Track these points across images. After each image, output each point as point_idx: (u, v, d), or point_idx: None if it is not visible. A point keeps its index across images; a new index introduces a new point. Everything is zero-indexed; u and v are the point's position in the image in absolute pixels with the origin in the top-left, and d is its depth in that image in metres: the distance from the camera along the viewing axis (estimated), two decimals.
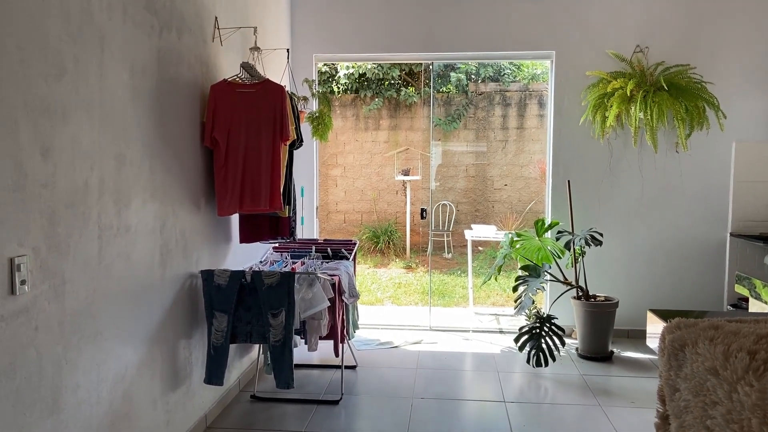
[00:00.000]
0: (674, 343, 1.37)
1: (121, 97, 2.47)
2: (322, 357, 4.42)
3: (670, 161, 4.85)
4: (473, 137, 9.45)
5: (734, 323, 1.39)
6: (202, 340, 3.30)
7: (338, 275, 3.72)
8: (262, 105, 3.33)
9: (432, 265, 8.26)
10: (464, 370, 4.36)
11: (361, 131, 9.53)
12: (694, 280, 4.89)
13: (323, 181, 9.35)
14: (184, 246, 3.08)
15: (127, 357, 2.56)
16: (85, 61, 2.22)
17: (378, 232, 9.21)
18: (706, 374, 1.22)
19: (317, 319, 3.48)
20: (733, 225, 4.84)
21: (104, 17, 2.34)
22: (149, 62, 2.71)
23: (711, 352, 1.24)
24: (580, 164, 4.95)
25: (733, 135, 4.79)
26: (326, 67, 9.08)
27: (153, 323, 2.78)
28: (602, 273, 4.94)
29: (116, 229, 2.45)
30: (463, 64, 8.90)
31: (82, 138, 2.21)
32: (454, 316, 5.93)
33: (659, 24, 4.81)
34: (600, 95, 4.64)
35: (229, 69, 3.62)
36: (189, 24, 3.12)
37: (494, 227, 6.11)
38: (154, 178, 2.76)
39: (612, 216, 4.95)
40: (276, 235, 3.80)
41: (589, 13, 4.88)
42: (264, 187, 3.31)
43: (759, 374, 1.10)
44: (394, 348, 4.80)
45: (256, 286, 3.18)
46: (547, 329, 4.29)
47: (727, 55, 4.78)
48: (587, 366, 4.38)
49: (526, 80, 9.23)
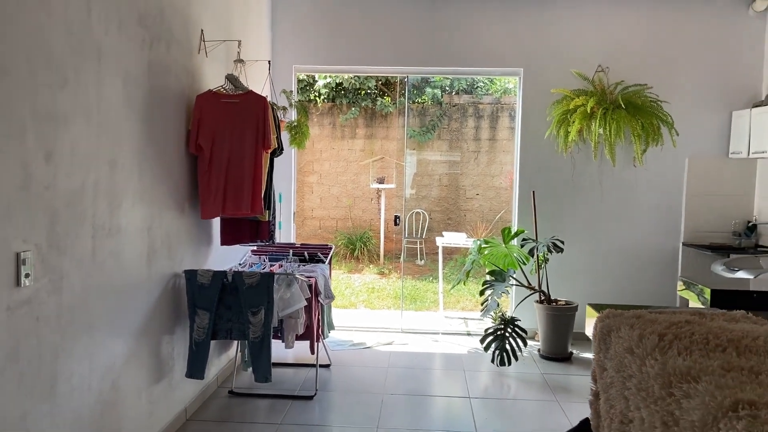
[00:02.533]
0: (603, 330, 1.62)
1: (115, 105, 2.65)
2: (298, 356, 4.60)
3: (627, 175, 5.17)
4: (447, 147, 9.73)
5: (654, 314, 1.64)
6: (184, 336, 3.47)
7: (315, 277, 3.92)
8: (246, 114, 3.53)
9: (405, 271, 8.49)
10: (433, 369, 4.59)
11: (338, 139, 9.74)
12: (650, 285, 5.21)
13: (300, 187, 9.53)
14: (169, 246, 3.26)
15: (117, 349, 2.73)
16: (84, 71, 2.40)
17: (353, 239, 9.41)
18: (625, 353, 1.46)
19: (294, 318, 3.67)
20: (685, 235, 5.17)
21: (102, 31, 2.53)
22: (140, 73, 2.90)
23: (630, 335, 1.48)
24: (545, 176, 5.24)
25: (686, 151, 5.13)
26: (305, 75, 9.28)
27: (140, 318, 2.95)
28: (564, 278, 5.22)
29: (108, 230, 2.62)
30: (437, 78, 9.18)
31: (81, 143, 2.39)
32: (425, 320, 6.16)
33: (619, 46, 5.14)
34: (564, 111, 4.94)
35: (214, 79, 3.81)
36: (177, 37, 3.32)
37: (464, 235, 6.37)
38: (143, 181, 2.94)
39: (574, 225, 5.25)
40: (256, 238, 3.99)
41: (556, 34, 5.19)
42: (246, 192, 3.50)
43: (663, 351, 1.35)
44: (366, 348, 5.01)
45: (237, 285, 3.37)
46: (511, 331, 4.55)
47: (681, 76, 5.12)
48: (548, 366, 4.65)
49: (498, 94, 9.56)
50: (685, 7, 5.11)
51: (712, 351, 1.34)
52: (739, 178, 5.11)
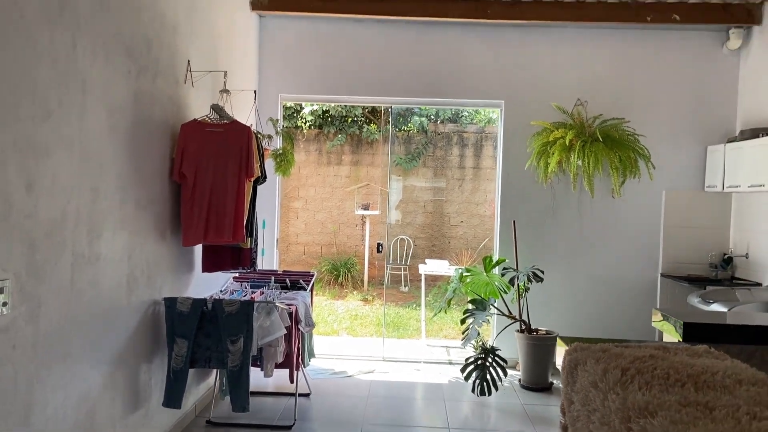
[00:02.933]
0: (571, 363, 1.66)
1: (98, 135, 2.69)
2: (277, 384, 4.58)
3: (606, 206, 5.27)
4: (432, 175, 9.84)
5: (621, 348, 1.69)
6: (162, 364, 3.46)
7: (295, 305, 3.93)
8: (230, 143, 3.58)
9: (389, 298, 8.50)
10: (413, 399, 4.59)
11: (324, 165, 9.81)
12: (629, 316, 5.27)
13: (285, 212, 9.56)
14: (149, 274, 3.27)
15: (93, 378, 2.72)
16: (68, 103, 2.44)
17: (337, 265, 9.42)
18: (590, 387, 1.50)
19: (274, 347, 3.67)
20: (663, 266, 5.25)
21: (87, 63, 2.58)
22: (126, 103, 2.94)
23: (595, 369, 1.52)
24: (525, 205, 5.32)
25: (663, 184, 5.24)
26: (292, 103, 9.38)
27: (117, 347, 2.95)
28: (544, 308, 5.27)
29: (88, 258, 2.64)
30: (423, 107, 9.32)
31: (62, 173, 2.41)
32: (407, 348, 6.16)
33: (598, 80, 5.28)
34: (543, 143, 5.04)
35: (199, 109, 3.86)
36: (163, 68, 3.37)
37: (447, 262, 6.42)
38: (125, 209, 2.97)
39: (554, 255, 5.31)
40: (237, 265, 4.00)
41: (536, 67, 5.32)
42: (228, 220, 3.53)
43: (624, 386, 1.39)
44: (347, 377, 5.00)
45: (217, 313, 3.38)
46: (492, 360, 4.57)
47: (658, 110, 5.27)
48: (528, 396, 4.67)
49: (482, 123, 9.71)
50: (661, 44, 5.27)
51: (671, 386, 1.38)
52: (714, 211, 5.23)
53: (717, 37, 5.25)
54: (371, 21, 5.32)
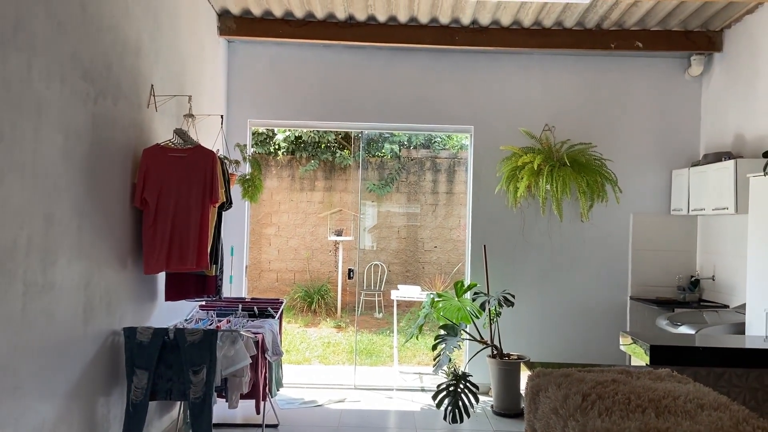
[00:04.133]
0: (533, 389, 1.62)
1: (53, 159, 2.61)
2: (245, 416, 4.45)
3: (575, 229, 5.30)
4: (405, 200, 9.84)
5: (583, 372, 1.66)
6: (121, 397, 3.33)
7: (262, 333, 3.84)
8: (193, 169, 3.52)
9: (362, 325, 8.40)
10: (385, 428, 4.49)
11: (297, 191, 9.75)
12: (600, 339, 5.26)
13: (257, 239, 9.44)
14: (108, 303, 3.17)
15: (45, 412, 2.59)
16: (21, 127, 2.37)
17: (310, 291, 9.30)
18: (551, 413, 1.46)
19: (239, 377, 3.57)
20: (632, 289, 5.28)
21: (42, 86, 2.52)
22: (84, 127, 2.87)
23: (556, 395, 1.49)
24: (496, 229, 5.33)
25: (631, 207, 5.30)
26: (264, 129, 9.34)
27: (73, 379, 2.83)
28: (516, 332, 5.25)
29: (41, 287, 2.54)
30: (396, 133, 9.36)
31: (13, 199, 2.33)
32: (379, 375, 6.07)
33: (565, 106, 5.35)
34: (512, 168, 5.07)
35: (163, 133, 3.80)
36: (125, 91, 3.31)
37: (419, 288, 6.37)
38: (82, 236, 2.87)
39: (525, 279, 5.31)
40: (202, 293, 3.91)
41: (504, 93, 5.38)
42: (192, 247, 3.45)
43: (584, 412, 1.36)
44: (317, 407, 4.89)
45: (179, 343, 3.28)
46: (463, 386, 4.51)
47: (623, 136, 5.35)
48: (501, 422, 4.60)
49: (455, 149, 9.78)
50: (626, 71, 5.38)
51: (632, 412, 1.35)
52: (681, 234, 5.29)
53: (679, 64, 5.37)
54: (341, 47, 5.34)
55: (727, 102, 4.96)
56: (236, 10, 5.00)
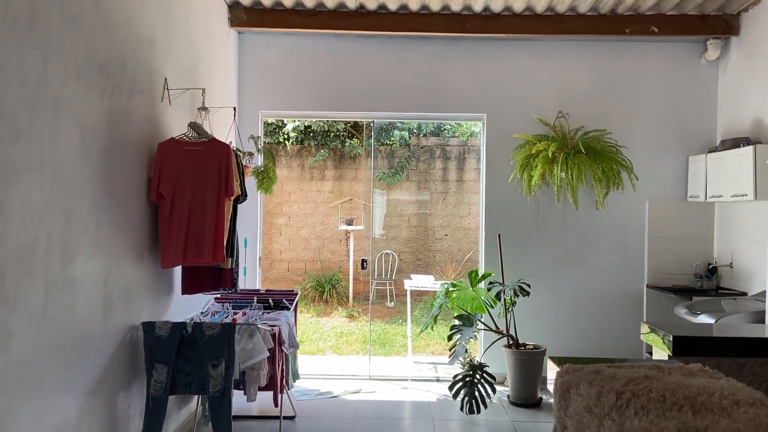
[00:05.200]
0: (563, 386, 1.60)
1: (71, 156, 2.60)
2: (262, 408, 4.47)
3: (590, 217, 5.26)
4: (415, 188, 9.80)
5: (613, 369, 1.64)
6: (141, 391, 3.35)
7: (278, 326, 3.84)
8: (208, 162, 3.50)
9: (374, 314, 8.40)
10: (401, 419, 4.50)
11: (307, 181, 9.73)
12: (616, 328, 5.24)
13: (268, 229, 9.45)
14: (126, 298, 3.17)
15: (68, 408, 2.61)
16: (39, 124, 2.36)
17: (322, 281, 9.31)
18: (584, 411, 1.45)
19: (257, 370, 3.57)
20: (649, 277, 5.24)
21: (59, 83, 2.50)
22: (100, 122, 2.86)
23: (588, 392, 1.47)
24: (510, 218, 5.29)
25: (646, 194, 5.25)
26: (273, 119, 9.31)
27: (94, 375, 2.84)
28: (532, 322, 5.23)
29: (61, 283, 2.54)
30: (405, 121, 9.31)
31: (33, 196, 2.32)
32: (394, 365, 6.07)
33: (579, 93, 5.29)
34: (526, 156, 5.03)
35: (177, 127, 3.78)
36: (139, 86, 3.30)
37: (432, 277, 6.36)
38: (100, 232, 2.87)
39: (540, 267, 5.28)
40: (218, 286, 3.91)
41: (517, 80, 5.32)
42: (207, 241, 3.44)
43: (621, 411, 1.34)
44: (333, 398, 4.90)
45: (197, 337, 3.28)
46: (480, 377, 4.50)
47: (639, 122, 5.28)
48: (517, 412, 4.60)
49: (465, 136, 9.72)
50: (641, 56, 5.30)
51: (668, 410, 1.33)
52: (698, 221, 5.24)
53: (695, 48, 5.29)
54: (352, 36, 5.29)
55: (744, 87, 4.88)
56: (247, 2, 4.96)
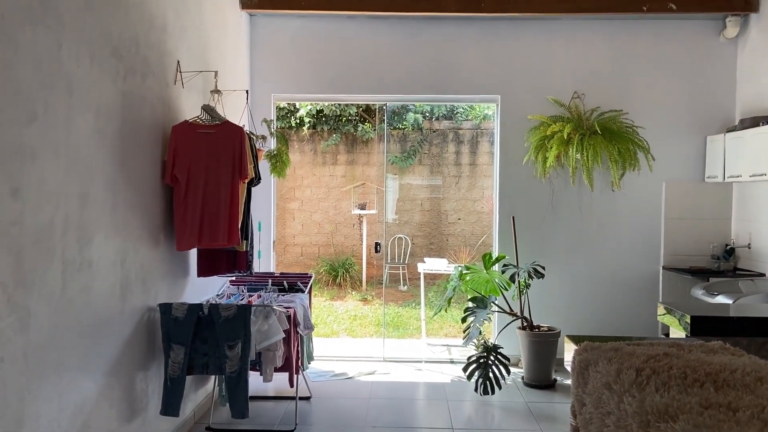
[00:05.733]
0: (581, 363, 1.59)
1: (86, 138, 2.61)
2: (278, 388, 4.51)
3: (606, 199, 5.21)
4: (428, 172, 9.76)
5: (632, 346, 1.62)
6: (158, 371, 3.38)
7: (293, 308, 3.86)
8: (222, 145, 3.50)
9: (387, 298, 8.43)
10: (415, 400, 4.52)
11: (319, 166, 9.73)
12: (631, 310, 5.21)
13: (281, 214, 9.47)
14: (143, 280, 3.19)
15: (87, 388, 2.64)
16: (53, 106, 2.36)
17: (335, 265, 9.34)
18: (603, 389, 1.43)
19: (272, 351, 3.60)
20: (665, 259, 5.19)
21: (73, 65, 2.50)
22: (114, 105, 2.86)
23: (607, 369, 1.46)
24: (524, 201, 5.26)
25: (663, 175, 5.18)
26: (285, 103, 9.29)
27: (112, 355, 2.87)
28: (546, 304, 5.21)
29: (79, 265, 2.56)
30: (418, 104, 9.25)
31: (49, 178, 2.34)
32: (408, 348, 6.09)
33: (594, 73, 5.21)
34: (541, 137, 4.98)
35: (190, 110, 3.78)
36: (152, 68, 3.29)
37: (445, 260, 6.35)
38: (116, 214, 2.89)
39: (554, 250, 5.25)
40: (233, 269, 3.93)
41: (531, 61, 5.25)
42: (222, 223, 3.45)
43: (641, 387, 1.32)
44: (348, 379, 4.93)
45: (213, 318, 3.30)
46: (494, 358, 4.50)
47: (656, 102, 5.20)
48: (532, 394, 4.60)
49: (478, 119, 9.64)
50: (658, 34, 5.21)
51: (690, 386, 1.31)
52: (716, 202, 5.17)
53: (714, 26, 5.19)
54: (364, 17, 5.25)
55: (764, 64, 4.78)
56: None
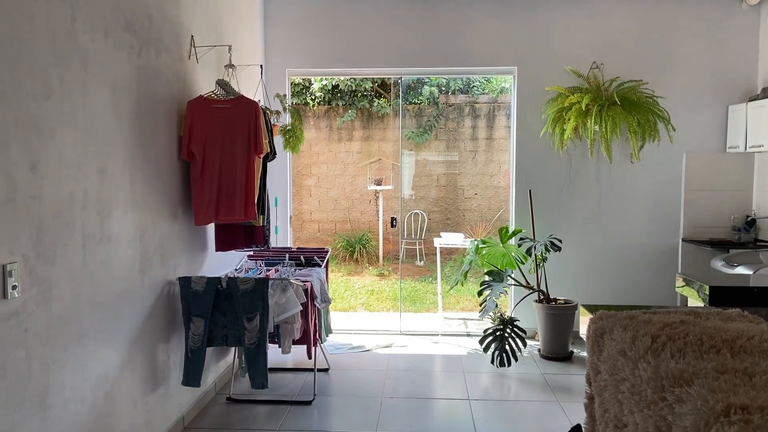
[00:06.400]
0: (596, 332, 1.59)
1: (103, 113, 2.63)
2: (296, 360, 4.57)
3: (625, 171, 5.14)
4: (444, 147, 9.70)
5: (648, 314, 1.61)
6: (179, 343, 3.45)
7: (310, 281, 3.89)
8: (237, 120, 3.51)
9: (404, 273, 8.45)
10: (432, 371, 4.56)
11: (335, 142, 9.71)
12: (649, 283, 5.17)
13: (297, 190, 9.50)
14: (162, 254, 3.24)
15: (109, 359, 2.70)
16: (69, 80, 2.38)
17: (352, 241, 9.38)
18: (618, 356, 1.43)
19: (290, 323, 3.64)
20: (684, 231, 5.13)
21: (87, 39, 2.51)
22: (129, 80, 2.87)
23: (623, 337, 1.45)
24: (541, 174, 5.21)
25: (684, 146, 5.10)
26: (300, 79, 9.26)
27: (133, 327, 2.93)
28: (563, 277, 5.19)
29: (99, 238, 2.60)
30: (433, 78, 9.15)
31: (67, 152, 2.36)
32: (424, 321, 6.13)
33: (613, 42, 5.11)
34: (559, 109, 4.91)
35: (205, 85, 3.79)
36: (166, 43, 3.29)
37: (462, 235, 6.34)
38: (134, 189, 2.92)
39: (572, 223, 5.21)
40: (251, 243, 3.96)
41: (549, 31, 5.16)
42: (239, 198, 3.48)
43: (656, 354, 1.32)
44: (365, 351, 4.98)
45: (232, 291, 3.35)
46: (510, 331, 4.52)
47: (676, 71, 5.09)
48: (548, 365, 4.62)
49: (494, 93, 9.52)
50: (679, 2, 5.08)
51: (706, 352, 1.31)
52: (737, 173, 5.08)
53: None
54: None
55: None
56: None
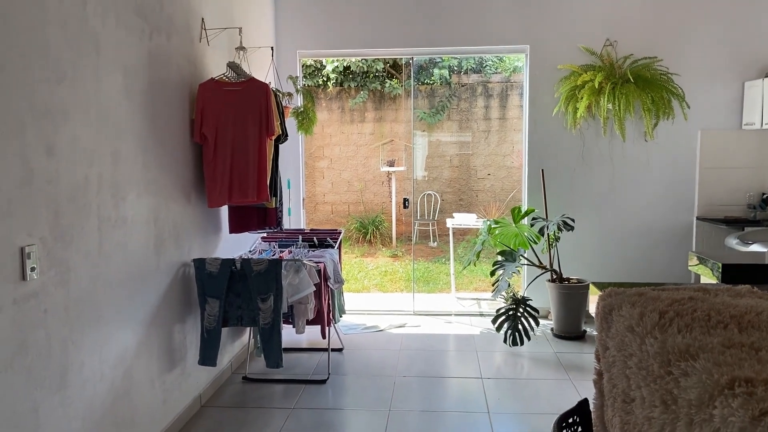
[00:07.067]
0: (605, 308, 1.60)
1: (115, 97, 2.66)
2: (311, 340, 4.63)
3: (638, 149, 5.09)
4: (457, 128, 9.66)
5: (657, 291, 1.62)
6: (195, 324, 3.51)
7: (324, 262, 3.93)
8: (248, 102, 3.52)
9: (417, 254, 8.48)
10: (445, 351, 4.60)
11: (347, 123, 9.70)
12: (663, 262, 5.15)
13: (310, 172, 9.53)
14: (176, 236, 3.28)
15: (127, 339, 2.76)
16: (82, 65, 2.40)
17: (365, 223, 9.41)
18: (626, 332, 1.44)
19: (304, 304, 3.69)
20: (699, 209, 5.09)
21: (98, 23, 2.53)
22: (141, 64, 2.89)
23: (631, 313, 1.46)
24: (554, 153, 5.18)
25: (698, 124, 5.03)
26: (312, 61, 9.23)
27: (150, 308, 2.98)
28: (576, 256, 5.18)
29: (114, 221, 2.64)
30: (445, 58, 9.08)
31: (82, 136, 2.40)
32: (437, 302, 6.17)
33: (627, 18, 5.03)
34: (571, 87, 4.87)
35: (216, 68, 3.80)
36: (177, 26, 3.30)
37: (474, 215, 6.34)
38: (148, 172, 2.95)
39: (585, 202, 5.19)
40: (264, 225, 4.00)
41: (561, 8, 5.09)
42: (251, 180, 3.51)
43: (663, 329, 1.33)
44: (379, 331, 5.03)
45: (246, 272, 3.39)
46: (523, 310, 4.53)
47: (691, 48, 5.01)
48: (561, 344, 4.63)
49: (507, 72, 9.44)
50: None
51: (713, 328, 1.31)
52: (753, 150, 5.02)
53: None
54: None
55: None
56: None
